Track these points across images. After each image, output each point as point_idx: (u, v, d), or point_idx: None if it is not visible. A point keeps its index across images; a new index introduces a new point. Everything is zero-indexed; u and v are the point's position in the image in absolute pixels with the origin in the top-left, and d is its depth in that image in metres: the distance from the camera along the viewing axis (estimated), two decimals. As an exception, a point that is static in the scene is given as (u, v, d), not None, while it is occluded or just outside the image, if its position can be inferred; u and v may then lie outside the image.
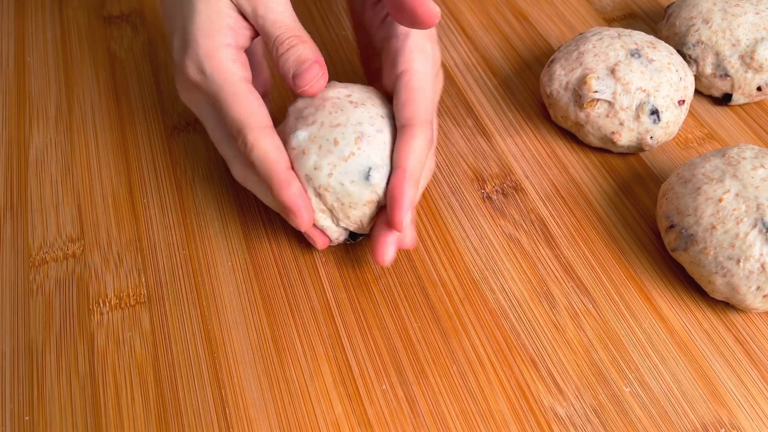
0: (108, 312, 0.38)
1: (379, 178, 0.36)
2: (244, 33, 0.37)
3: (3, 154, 0.46)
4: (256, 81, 0.40)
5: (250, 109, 0.36)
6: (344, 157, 0.36)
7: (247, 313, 0.38)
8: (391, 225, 0.36)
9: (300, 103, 0.38)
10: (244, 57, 0.38)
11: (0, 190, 0.44)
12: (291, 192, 0.35)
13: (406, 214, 0.35)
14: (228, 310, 0.38)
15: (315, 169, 0.36)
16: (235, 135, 0.36)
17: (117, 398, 0.35)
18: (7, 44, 0.53)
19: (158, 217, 0.42)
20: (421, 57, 0.38)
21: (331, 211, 0.37)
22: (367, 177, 0.36)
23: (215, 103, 0.37)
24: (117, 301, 0.38)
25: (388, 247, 0.36)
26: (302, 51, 0.36)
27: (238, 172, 0.39)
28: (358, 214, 0.37)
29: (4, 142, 0.46)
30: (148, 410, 0.34)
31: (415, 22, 0.35)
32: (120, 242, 0.41)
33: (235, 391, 0.35)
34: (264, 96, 0.42)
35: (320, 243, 0.38)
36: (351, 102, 0.37)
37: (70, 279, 0.39)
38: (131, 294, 0.39)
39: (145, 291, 0.39)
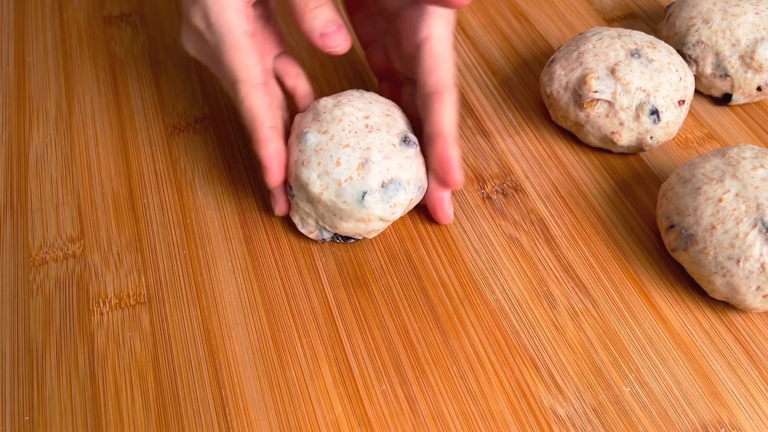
0: (108, 312, 0.38)
1: (374, 201, 0.36)
2: None
3: (3, 154, 0.46)
4: (268, 40, 0.41)
5: (245, 63, 0.37)
6: (341, 180, 0.36)
7: (247, 313, 0.38)
8: (448, 186, 0.39)
9: (323, 103, 0.39)
10: (250, 11, 0.38)
11: (0, 190, 0.44)
12: (268, 150, 0.37)
13: (458, 173, 0.38)
14: (228, 310, 0.38)
15: (310, 181, 0.36)
16: (230, 87, 0.38)
17: (117, 398, 0.35)
18: (7, 44, 0.53)
19: (158, 217, 0.42)
20: (441, 22, 0.39)
21: (321, 219, 0.38)
22: (361, 200, 0.36)
23: (216, 52, 0.38)
24: (117, 301, 0.38)
25: (447, 208, 0.40)
26: (329, 12, 0.37)
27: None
28: (350, 227, 0.38)
29: (4, 142, 0.46)
30: (148, 410, 0.34)
31: (444, 3, 0.36)
32: (120, 242, 0.41)
33: (235, 391, 0.35)
34: (281, 54, 0.43)
35: (279, 209, 0.40)
36: (367, 126, 0.38)
37: (70, 279, 0.39)
38: (131, 294, 0.39)
39: (145, 291, 0.39)
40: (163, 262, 0.40)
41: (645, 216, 0.42)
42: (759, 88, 0.46)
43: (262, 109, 0.37)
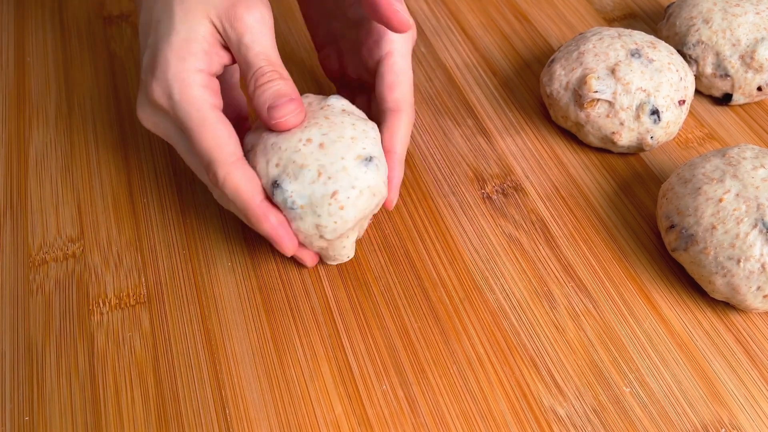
0: (108, 312, 0.38)
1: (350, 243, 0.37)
2: (218, 60, 0.35)
3: (3, 154, 0.46)
4: (229, 107, 0.39)
5: (218, 141, 0.34)
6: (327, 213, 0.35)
7: (247, 313, 0.38)
8: (384, 206, 0.38)
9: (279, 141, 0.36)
10: (215, 83, 0.36)
11: (0, 190, 0.44)
12: (269, 224, 0.35)
13: (395, 194, 0.37)
14: (228, 310, 0.38)
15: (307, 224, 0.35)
16: (206, 167, 0.35)
17: (117, 398, 0.35)
18: (7, 44, 0.53)
19: (158, 217, 0.42)
20: (403, 38, 0.39)
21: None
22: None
23: (184, 131, 0.35)
24: (117, 301, 0.38)
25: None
26: (281, 86, 0.35)
27: (219, 197, 0.38)
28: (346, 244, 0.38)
29: (4, 142, 0.46)
30: (148, 410, 0.34)
31: (388, 26, 0.36)
32: (120, 242, 0.41)
33: (235, 391, 0.35)
34: (243, 120, 0.41)
35: (309, 261, 0.38)
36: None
37: (70, 279, 0.39)
38: (131, 294, 0.39)
39: (145, 291, 0.39)
40: (163, 262, 0.40)
41: (645, 216, 0.42)
42: (759, 88, 0.46)
43: (248, 185, 0.34)
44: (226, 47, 0.36)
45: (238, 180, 0.34)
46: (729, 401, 0.34)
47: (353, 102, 0.43)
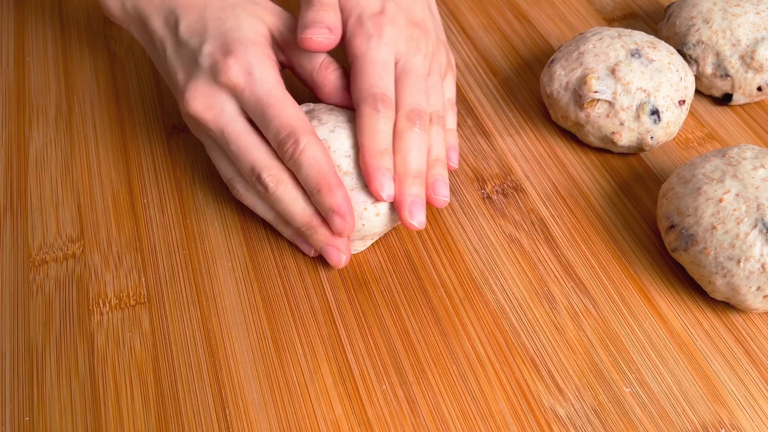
0: (108, 312, 0.38)
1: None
2: (277, 57, 0.40)
3: (3, 154, 0.46)
4: None
5: (298, 115, 0.37)
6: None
7: (247, 313, 0.38)
8: (373, 194, 0.37)
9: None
10: (281, 74, 0.39)
11: (0, 190, 0.44)
12: (342, 194, 0.36)
13: (381, 186, 0.36)
14: (228, 310, 0.38)
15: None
16: (284, 139, 0.36)
17: (117, 398, 0.35)
18: (7, 44, 0.53)
19: (158, 217, 0.42)
20: (369, 43, 0.39)
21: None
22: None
23: (258, 108, 0.37)
24: (117, 302, 0.38)
25: (414, 210, 0.37)
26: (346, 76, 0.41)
27: (241, 189, 0.39)
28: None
29: (4, 142, 0.46)
30: (148, 410, 0.34)
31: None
32: (120, 242, 0.41)
33: (235, 391, 0.35)
34: None
35: (336, 260, 0.38)
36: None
37: (70, 279, 0.39)
38: (131, 294, 0.39)
39: (145, 291, 0.39)
40: (163, 262, 0.40)
41: (645, 216, 0.42)
42: (759, 88, 0.46)
43: (326, 156, 0.36)
44: (279, 53, 0.41)
45: (317, 150, 0.36)
46: (729, 401, 0.34)
47: None
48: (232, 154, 0.38)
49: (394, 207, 0.38)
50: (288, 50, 0.41)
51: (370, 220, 0.37)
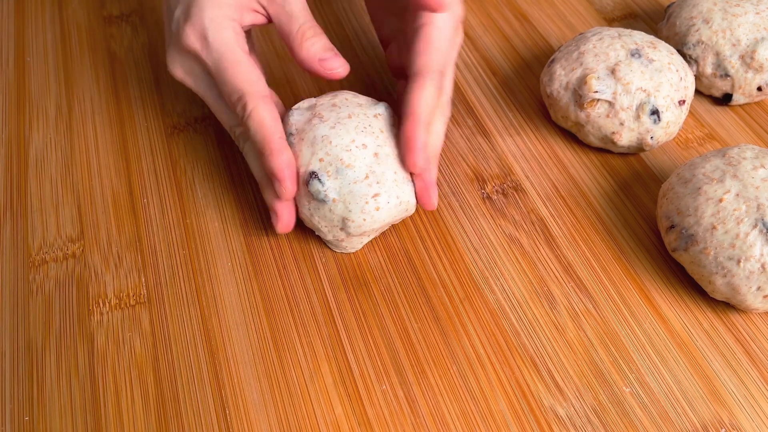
0: (108, 312, 0.38)
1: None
2: (250, 17, 0.39)
3: (3, 154, 0.46)
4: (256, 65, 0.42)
5: (250, 78, 0.37)
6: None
7: (247, 313, 0.38)
8: (408, 168, 0.37)
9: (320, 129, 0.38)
10: (244, 35, 0.39)
11: (0, 190, 0.44)
12: (281, 160, 0.36)
13: (419, 157, 0.37)
14: (228, 310, 0.38)
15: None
16: (235, 102, 0.37)
17: (117, 398, 0.35)
18: (7, 44, 0.53)
19: (158, 217, 0.42)
20: (444, 15, 0.39)
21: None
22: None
23: (215, 72, 0.38)
24: (117, 301, 0.38)
25: (426, 195, 0.39)
26: (326, 41, 0.39)
27: (237, 139, 0.41)
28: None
29: (4, 142, 0.46)
30: (148, 410, 0.34)
31: (422, 6, 0.38)
32: (120, 242, 0.41)
33: (235, 391, 0.35)
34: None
35: (284, 223, 0.38)
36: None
37: (70, 279, 0.39)
38: (131, 294, 0.39)
39: (145, 291, 0.39)
40: (163, 262, 0.40)
41: (645, 216, 0.42)
42: (759, 88, 0.46)
43: (271, 120, 0.37)
44: (256, 11, 0.39)
45: (264, 114, 0.37)
46: (729, 401, 0.34)
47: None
48: (214, 112, 0.41)
49: (418, 184, 0.38)
50: (270, 6, 0.40)
51: (371, 214, 0.37)
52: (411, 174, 0.38)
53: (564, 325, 0.37)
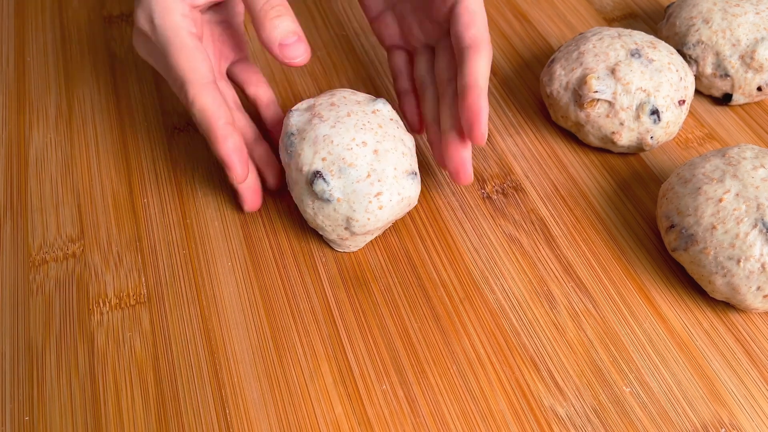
0: (108, 312, 0.38)
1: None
2: None
3: (3, 154, 0.46)
4: (233, 49, 0.42)
5: (192, 64, 0.37)
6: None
7: (247, 313, 0.38)
8: (473, 139, 0.37)
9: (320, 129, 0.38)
10: (196, 15, 0.38)
11: (0, 190, 0.44)
12: (227, 146, 0.37)
13: (485, 127, 0.37)
14: (228, 310, 0.38)
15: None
16: (179, 89, 0.37)
17: (117, 398, 0.35)
18: (7, 44, 0.53)
19: (158, 217, 0.42)
20: None
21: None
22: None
23: (162, 55, 0.38)
24: (117, 301, 0.38)
25: (469, 166, 0.38)
26: (289, 23, 0.37)
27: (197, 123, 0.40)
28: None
29: (4, 142, 0.46)
30: (148, 410, 0.34)
31: None
32: (120, 242, 0.41)
33: (235, 391, 0.35)
34: (240, 59, 0.43)
35: (249, 204, 0.40)
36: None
37: (70, 279, 0.39)
38: (131, 294, 0.39)
39: (145, 291, 0.39)
40: (163, 262, 0.40)
41: (645, 216, 0.42)
42: (759, 88, 0.46)
43: (214, 106, 0.37)
44: None
45: (206, 101, 0.36)
46: (729, 401, 0.34)
47: (412, 64, 0.45)
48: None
49: (453, 159, 0.38)
50: None
51: (374, 213, 0.37)
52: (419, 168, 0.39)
53: (564, 325, 0.37)
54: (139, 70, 0.51)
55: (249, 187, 0.40)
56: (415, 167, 0.39)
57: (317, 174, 0.37)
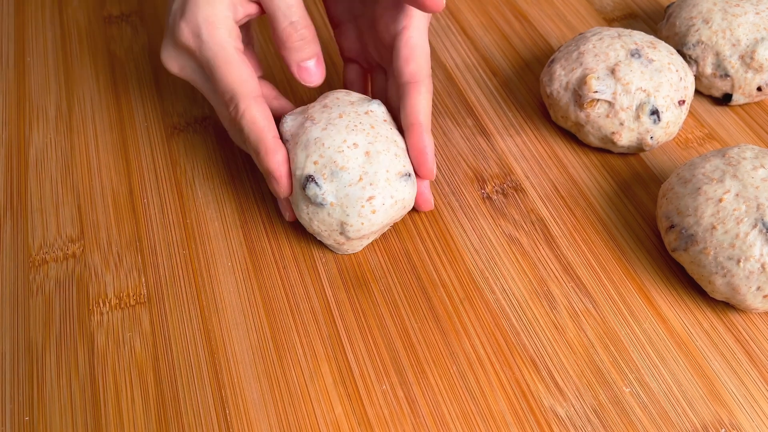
0: (108, 312, 0.38)
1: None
2: (243, 10, 0.38)
3: (3, 154, 0.46)
4: (251, 61, 0.41)
5: (241, 78, 0.37)
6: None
7: (247, 313, 0.38)
8: (421, 175, 0.39)
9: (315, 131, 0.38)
10: (239, 31, 0.39)
11: (0, 190, 0.44)
12: (276, 159, 0.37)
13: (431, 163, 0.39)
14: (228, 310, 0.38)
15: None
16: (227, 102, 0.38)
17: (117, 398, 0.35)
18: (7, 44, 0.53)
19: (158, 217, 0.42)
20: (420, 13, 0.39)
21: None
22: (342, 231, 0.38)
23: (208, 70, 0.38)
24: (117, 301, 0.38)
25: (427, 195, 0.41)
26: (313, 48, 0.39)
27: (235, 136, 0.41)
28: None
29: (4, 142, 0.46)
30: (148, 410, 0.34)
31: (419, 6, 0.37)
32: (120, 242, 0.41)
33: (235, 391, 0.35)
34: (259, 78, 0.43)
35: (291, 214, 0.40)
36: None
37: (70, 279, 0.39)
38: (131, 294, 0.39)
39: (145, 291, 0.39)
40: (163, 262, 0.40)
41: (645, 216, 0.42)
42: (759, 88, 0.46)
43: (263, 121, 0.37)
44: (252, 1, 0.39)
45: (256, 114, 0.37)
46: (729, 401, 0.34)
47: (369, 80, 0.46)
48: (211, 104, 0.41)
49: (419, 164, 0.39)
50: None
51: (368, 217, 0.37)
52: (409, 170, 0.38)
53: (564, 325, 0.37)
54: (139, 71, 0.51)
55: (284, 202, 0.40)
56: (410, 168, 0.38)
57: (309, 178, 0.36)
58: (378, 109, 0.39)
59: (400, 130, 0.40)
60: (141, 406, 0.34)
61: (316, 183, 0.36)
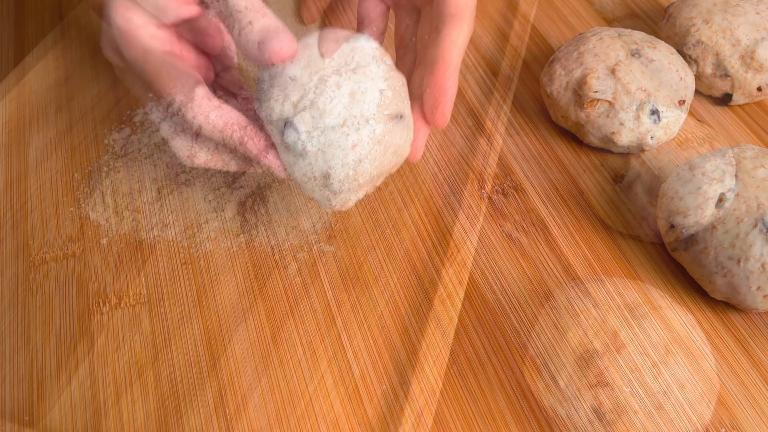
0: (108, 312, 0.38)
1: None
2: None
3: (3, 154, 0.46)
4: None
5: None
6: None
7: (247, 313, 0.38)
8: (435, 120, 0.34)
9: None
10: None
11: (0, 190, 0.44)
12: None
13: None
14: (228, 310, 0.38)
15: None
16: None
17: (117, 398, 0.35)
18: (7, 45, 0.53)
19: (158, 217, 0.42)
20: None
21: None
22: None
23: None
24: (117, 301, 0.38)
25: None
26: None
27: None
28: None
29: (4, 142, 0.46)
30: (148, 410, 0.34)
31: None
32: (120, 242, 0.41)
33: (235, 391, 0.35)
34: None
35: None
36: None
37: (70, 279, 0.39)
38: (131, 294, 0.39)
39: (145, 291, 0.39)
40: (163, 262, 0.40)
41: (645, 216, 0.42)
42: (759, 88, 0.46)
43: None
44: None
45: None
46: (729, 401, 0.34)
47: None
48: None
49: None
50: None
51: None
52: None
53: (564, 325, 0.37)
54: (139, 70, 0.51)
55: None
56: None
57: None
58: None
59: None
60: (141, 406, 0.34)
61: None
